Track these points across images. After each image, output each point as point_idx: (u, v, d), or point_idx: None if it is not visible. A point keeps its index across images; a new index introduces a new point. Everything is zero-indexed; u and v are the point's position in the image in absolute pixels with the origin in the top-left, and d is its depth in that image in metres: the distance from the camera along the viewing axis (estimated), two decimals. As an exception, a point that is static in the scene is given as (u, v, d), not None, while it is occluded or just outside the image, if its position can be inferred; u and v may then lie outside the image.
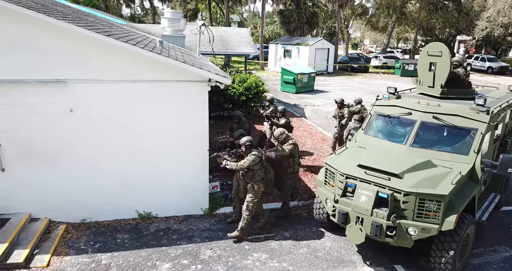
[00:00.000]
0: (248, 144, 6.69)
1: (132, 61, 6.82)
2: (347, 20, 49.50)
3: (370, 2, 49.60)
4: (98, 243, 6.69)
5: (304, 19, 40.77)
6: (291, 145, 7.55)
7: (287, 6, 41.98)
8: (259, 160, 6.65)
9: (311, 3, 43.45)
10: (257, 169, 6.69)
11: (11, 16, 6.12)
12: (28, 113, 6.65)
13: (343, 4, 37.32)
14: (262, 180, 6.81)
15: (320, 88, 25.73)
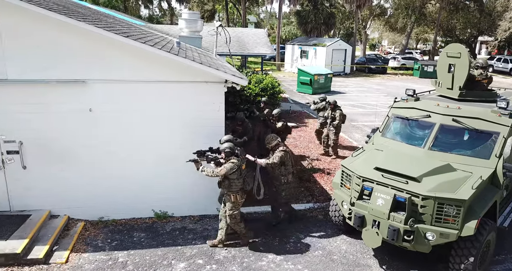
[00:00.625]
0: (227, 150, 6.28)
1: (150, 62, 6.90)
2: (365, 20, 49.01)
3: (389, 3, 48.98)
4: (115, 241, 6.78)
5: (321, 20, 40.56)
6: (282, 152, 7.07)
7: (304, 6, 41.83)
8: (237, 168, 6.22)
9: (328, 3, 43.20)
10: (235, 178, 6.26)
11: (33, 17, 6.27)
12: (49, 112, 6.80)
13: (361, 5, 36.95)
14: (240, 190, 6.40)
15: (337, 89, 25.54)
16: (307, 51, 34.63)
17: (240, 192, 6.41)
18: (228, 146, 6.31)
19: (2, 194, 7.07)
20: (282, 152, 7.09)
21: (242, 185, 6.40)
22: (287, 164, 7.18)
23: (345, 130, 15.10)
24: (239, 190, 6.37)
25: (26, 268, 5.95)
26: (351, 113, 18.39)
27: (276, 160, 6.98)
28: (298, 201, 8.67)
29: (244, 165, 6.48)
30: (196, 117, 7.29)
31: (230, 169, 6.16)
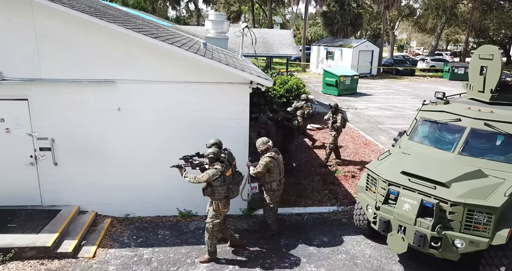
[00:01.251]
0: (211, 156, 5.93)
1: (177, 63, 7.01)
2: (393, 21, 48.05)
3: (418, 3, 47.82)
4: (141, 238, 6.92)
5: (347, 21, 40.11)
6: (268, 158, 6.65)
7: (330, 7, 41.46)
8: (220, 175, 5.86)
9: (355, 4, 42.63)
10: (218, 185, 5.91)
11: (66, 19, 6.49)
12: (80, 111, 7.02)
13: (389, 5, 36.27)
14: (224, 198, 6.03)
15: (363, 91, 25.18)
16: (333, 52, 34.31)
17: (224, 200, 6.03)
18: (212, 151, 5.97)
19: (34, 189, 7.35)
20: (269, 158, 6.68)
21: (226, 193, 6.03)
22: (272, 171, 6.75)
23: (371, 133, 14.87)
24: (223, 198, 6.00)
25: (56, 261, 6.16)
26: (377, 116, 18.11)
27: (260, 169, 6.62)
28: (322, 204, 8.60)
29: (230, 171, 6.08)
30: (220, 118, 7.35)
31: (213, 176, 5.81)
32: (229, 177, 6.06)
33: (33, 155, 7.18)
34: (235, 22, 50.13)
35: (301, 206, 8.46)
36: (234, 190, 6.12)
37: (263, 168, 6.64)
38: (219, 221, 6.10)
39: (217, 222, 6.09)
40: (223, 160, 6.09)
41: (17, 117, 6.98)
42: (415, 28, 49.16)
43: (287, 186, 9.37)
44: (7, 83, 6.72)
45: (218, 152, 6.00)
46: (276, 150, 6.94)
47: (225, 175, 5.94)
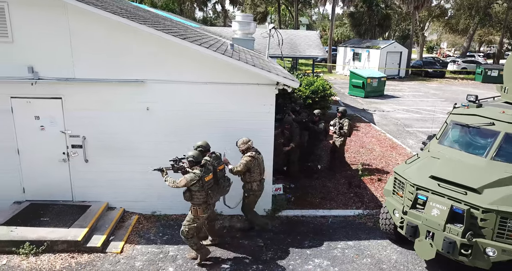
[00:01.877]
0: (190, 160, 5.77)
1: (205, 64, 7.10)
2: (423, 22, 46.93)
3: (450, 3, 46.49)
4: (167, 235, 7.05)
5: (375, 22, 39.48)
6: (248, 158, 6.61)
7: (358, 8, 40.91)
8: (198, 179, 5.68)
9: (384, 5, 41.90)
10: (196, 190, 5.75)
11: (98, 20, 6.69)
12: (110, 110, 7.22)
13: (419, 6, 35.44)
14: (203, 203, 5.85)
15: (390, 93, 24.72)
16: (360, 53, 33.85)
17: (203, 205, 5.85)
18: (191, 155, 5.79)
19: (66, 185, 7.61)
20: (250, 157, 6.63)
21: (205, 198, 5.84)
22: (253, 170, 6.69)
23: (398, 136, 14.60)
24: (202, 203, 5.83)
25: (85, 255, 6.35)
26: (404, 118, 17.75)
27: (239, 168, 6.57)
28: (347, 207, 8.50)
29: (211, 176, 5.89)
30: (246, 118, 7.39)
31: (190, 180, 5.64)
32: (209, 182, 5.85)
33: (66, 152, 7.43)
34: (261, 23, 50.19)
35: (326, 208, 8.39)
36: (213, 195, 5.93)
37: (243, 167, 6.59)
38: (195, 225, 5.94)
39: (194, 226, 5.93)
40: (205, 164, 5.92)
41: (51, 115, 7.25)
42: (446, 29, 47.84)
43: (311, 188, 9.36)
44: (43, 82, 6.99)
45: (198, 156, 5.82)
46: (256, 150, 6.86)
47: (204, 180, 5.74)
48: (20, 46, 6.84)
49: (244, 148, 6.75)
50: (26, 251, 6.26)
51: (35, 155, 7.41)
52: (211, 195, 5.88)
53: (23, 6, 6.67)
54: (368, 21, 39.47)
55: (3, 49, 6.84)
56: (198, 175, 5.68)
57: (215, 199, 6.02)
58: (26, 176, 7.53)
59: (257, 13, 52.67)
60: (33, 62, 6.91)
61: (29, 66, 6.90)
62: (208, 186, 5.83)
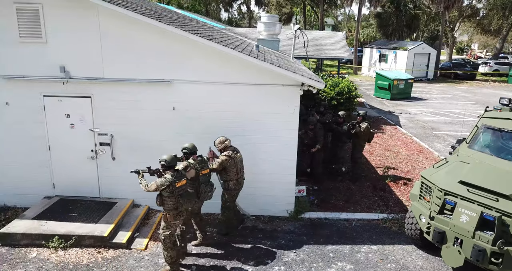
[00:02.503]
0: (162, 163, 5.58)
1: (231, 65, 7.14)
2: (453, 22, 45.64)
3: (482, 3, 45.00)
4: (190, 234, 7.11)
5: (403, 22, 38.64)
6: (225, 157, 6.56)
7: (385, 8, 40.19)
8: (168, 184, 5.47)
9: (412, 5, 40.99)
10: (166, 196, 5.55)
11: (128, 21, 6.84)
12: (138, 109, 7.36)
13: (450, 6, 34.48)
14: (174, 209, 5.63)
15: (417, 95, 24.17)
16: (387, 54, 33.27)
17: (174, 211, 5.63)
18: (164, 159, 5.58)
19: (93, 181, 7.81)
20: (226, 156, 6.57)
21: (175, 205, 5.60)
22: (228, 170, 6.65)
23: (425, 139, 14.25)
24: (172, 209, 5.60)
25: (111, 250, 6.50)
26: (432, 121, 17.32)
27: (215, 166, 6.52)
28: (371, 210, 8.36)
29: (183, 181, 5.66)
30: (270, 119, 7.38)
31: (160, 185, 5.44)
32: (180, 188, 5.60)
33: (94, 150, 7.63)
34: (286, 24, 50.10)
35: (350, 211, 8.27)
36: (185, 202, 5.68)
37: (218, 165, 6.55)
38: (170, 233, 5.74)
39: (168, 233, 5.73)
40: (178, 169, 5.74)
41: (81, 113, 7.46)
42: (477, 29, 46.34)
43: (335, 191, 9.26)
44: (73, 82, 7.21)
45: (171, 160, 5.59)
46: (234, 148, 6.79)
47: (174, 186, 5.50)
48: (53, 47, 7.08)
49: (221, 147, 6.74)
50: (55, 244, 6.47)
51: (65, 151, 7.65)
52: (183, 202, 5.66)
53: (56, 7, 6.90)
54: (396, 22, 38.67)
55: (37, 50, 7.09)
56: (169, 180, 5.47)
57: (186, 205, 5.77)
58: (56, 172, 7.78)
59: (282, 14, 52.60)
60: (65, 62, 7.14)
61: (61, 66, 7.13)
62: (179, 192, 5.58)
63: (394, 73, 24.22)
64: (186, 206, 5.76)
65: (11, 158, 7.61)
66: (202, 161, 6.30)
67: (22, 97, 7.33)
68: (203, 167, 6.26)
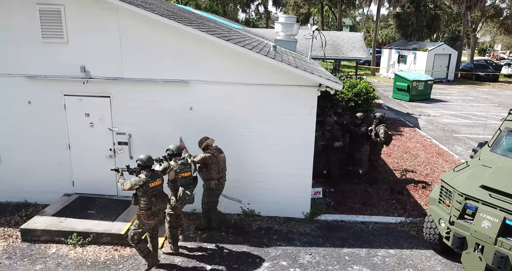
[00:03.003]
0: (138, 163, 5.60)
1: (248, 65, 7.14)
2: (475, 22, 44.53)
3: (505, 3, 43.81)
4: (205, 233, 7.15)
5: (423, 23, 37.98)
6: (208, 154, 6.62)
7: (405, 8, 39.58)
8: (142, 184, 5.48)
9: (432, 5, 40.25)
10: (140, 195, 5.57)
11: (147, 22, 6.91)
12: (156, 109, 7.43)
13: (472, 6, 33.70)
14: (147, 210, 5.61)
15: (437, 97, 23.72)
16: (406, 55, 32.77)
17: (148, 211, 5.63)
18: (140, 158, 5.60)
19: (111, 180, 7.90)
20: (209, 154, 6.60)
21: (149, 205, 5.59)
22: (210, 168, 6.65)
23: (445, 142, 13.97)
24: (146, 209, 5.61)
25: (127, 248, 6.57)
26: (452, 124, 16.98)
27: (196, 159, 6.52)
28: (389, 214, 8.23)
29: (158, 182, 5.67)
30: (287, 120, 7.35)
31: (134, 184, 5.47)
32: (154, 188, 5.61)
33: (112, 148, 7.74)
34: (304, 24, 49.91)
35: (366, 214, 8.16)
36: (158, 203, 5.66)
37: (199, 159, 6.56)
38: (141, 231, 5.78)
39: (139, 231, 5.75)
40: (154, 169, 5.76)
41: (100, 112, 7.58)
42: (500, 30, 45.08)
43: (352, 193, 9.16)
44: (93, 81, 7.34)
45: (147, 160, 5.61)
46: (218, 149, 6.86)
47: (148, 186, 5.52)
48: (73, 47, 7.21)
49: (203, 146, 6.77)
50: (73, 241, 6.59)
51: (84, 150, 7.78)
52: (156, 203, 5.64)
53: (77, 8, 7.03)
54: (415, 22, 38.03)
55: (59, 50, 7.24)
56: (142, 180, 5.50)
57: (159, 206, 5.73)
58: (76, 170, 7.92)
59: (300, 14, 52.41)
60: (85, 62, 7.27)
61: (81, 65, 7.26)
62: (153, 192, 5.59)
63: (413, 74, 23.84)
64: (159, 206, 5.72)
65: (33, 155, 7.79)
66: (184, 164, 6.23)
67: (43, 96, 7.49)
68: (183, 170, 6.17)
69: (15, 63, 7.34)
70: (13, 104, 7.57)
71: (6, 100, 7.57)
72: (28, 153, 7.80)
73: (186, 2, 41.32)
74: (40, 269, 6.01)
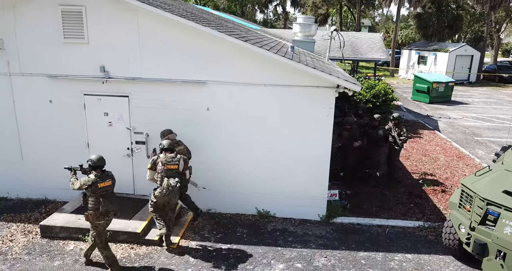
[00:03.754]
0: (88, 163, 5.63)
1: (265, 66, 7.12)
2: (499, 23, 43.43)
3: (531, 2, 42.52)
4: (220, 234, 7.16)
5: (444, 23, 37.24)
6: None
7: (426, 9, 38.88)
8: (90, 184, 5.52)
9: (455, 5, 39.41)
10: (89, 195, 5.60)
11: (165, 23, 6.97)
12: (173, 109, 7.48)
13: (496, 5, 32.83)
14: (96, 210, 5.59)
15: (458, 99, 23.21)
16: (426, 56, 32.18)
17: (96, 212, 5.60)
18: (91, 158, 5.63)
19: (129, 179, 8.01)
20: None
21: (97, 205, 5.59)
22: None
23: (466, 145, 13.64)
24: (94, 209, 5.60)
25: (143, 247, 6.64)
26: (474, 127, 16.57)
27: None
28: (406, 217, 8.07)
29: (106, 183, 5.64)
30: (304, 121, 7.30)
31: (83, 184, 5.52)
32: (103, 189, 5.61)
33: (130, 148, 7.83)
34: (322, 25, 49.54)
35: (383, 217, 8.02)
36: (104, 203, 5.62)
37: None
38: (97, 233, 5.73)
39: (95, 234, 5.73)
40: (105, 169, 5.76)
41: (119, 112, 7.68)
42: (525, 30, 43.88)
43: (369, 196, 9.03)
44: (112, 81, 7.44)
45: (98, 160, 5.63)
46: (177, 141, 6.99)
47: (96, 186, 5.53)
48: (94, 47, 7.33)
49: (164, 138, 6.86)
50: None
51: (103, 149, 7.83)
52: (103, 203, 5.61)
53: (98, 9, 7.14)
54: (437, 23, 37.33)
55: (79, 50, 7.37)
56: (91, 180, 5.54)
57: (107, 207, 5.68)
58: (94, 168, 8.03)
59: (318, 15, 52.06)
60: (104, 62, 7.37)
61: (101, 65, 7.37)
62: (101, 193, 5.60)
63: (433, 75, 23.37)
64: (106, 207, 5.67)
65: (53, 153, 7.94)
66: (172, 157, 6.37)
67: (64, 96, 7.64)
68: (169, 162, 6.35)
69: (37, 63, 7.51)
70: (35, 103, 7.74)
71: (29, 99, 7.74)
72: (48, 150, 7.97)
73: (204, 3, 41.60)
74: (58, 265, 6.13)
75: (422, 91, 22.00)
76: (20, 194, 8.32)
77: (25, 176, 8.13)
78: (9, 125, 7.89)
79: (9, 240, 6.76)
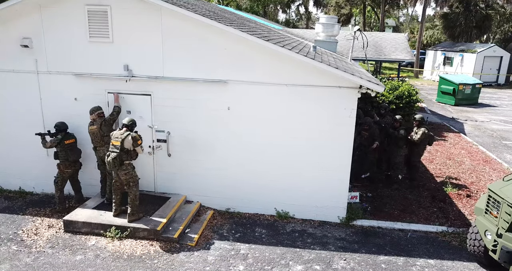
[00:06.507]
0: (55, 128, 7.47)
1: (287, 66, 7.07)
2: (530, 23, 41.90)
3: None
4: (239, 233, 7.15)
5: (472, 23, 36.18)
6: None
7: (453, 8, 37.88)
8: (58, 142, 7.40)
9: (484, 4, 38.23)
10: (59, 150, 7.48)
11: (187, 22, 7.02)
12: (195, 107, 7.53)
13: (527, 5, 31.71)
14: (66, 160, 7.52)
15: (486, 101, 22.52)
16: (452, 57, 31.35)
17: (66, 162, 7.52)
18: (56, 124, 7.46)
19: (149, 176, 8.12)
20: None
21: (66, 156, 7.48)
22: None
23: (493, 149, 13.21)
24: (65, 160, 7.50)
25: (163, 244, 6.70)
26: (502, 130, 16.04)
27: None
28: (429, 222, 7.86)
29: (70, 140, 7.51)
30: (325, 121, 7.22)
31: (53, 142, 7.40)
32: (69, 145, 7.51)
33: (151, 146, 7.93)
34: (345, 25, 48.99)
35: (405, 221, 7.85)
36: (72, 154, 7.53)
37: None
38: (62, 178, 7.67)
39: (60, 178, 7.66)
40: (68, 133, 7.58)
41: (141, 110, 7.78)
42: (559, 30, 42.16)
43: (390, 199, 8.86)
44: (135, 80, 7.55)
45: (61, 125, 7.51)
46: (90, 120, 7.62)
47: (64, 143, 7.46)
48: (118, 46, 7.45)
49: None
50: (112, 234, 6.80)
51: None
52: (70, 154, 7.51)
53: (123, 9, 7.25)
54: (464, 23, 36.29)
55: (104, 49, 7.51)
56: (58, 139, 7.42)
57: (73, 157, 7.56)
58: (117, 165, 8.16)
59: (341, 15, 51.49)
60: (128, 61, 7.49)
61: (125, 64, 7.49)
62: (68, 148, 7.50)
63: (459, 77, 22.76)
64: (73, 157, 7.58)
65: (77, 150, 8.12)
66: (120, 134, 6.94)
67: (89, 94, 7.79)
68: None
69: (64, 61, 7.69)
70: (61, 101, 7.93)
71: (55, 97, 7.94)
72: (73, 147, 8.14)
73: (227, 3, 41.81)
74: (80, 259, 6.26)
75: (448, 93, 21.45)
76: (45, 189, 8.55)
77: (51, 171, 8.33)
78: (36, 122, 8.11)
79: (34, 234, 6.96)
